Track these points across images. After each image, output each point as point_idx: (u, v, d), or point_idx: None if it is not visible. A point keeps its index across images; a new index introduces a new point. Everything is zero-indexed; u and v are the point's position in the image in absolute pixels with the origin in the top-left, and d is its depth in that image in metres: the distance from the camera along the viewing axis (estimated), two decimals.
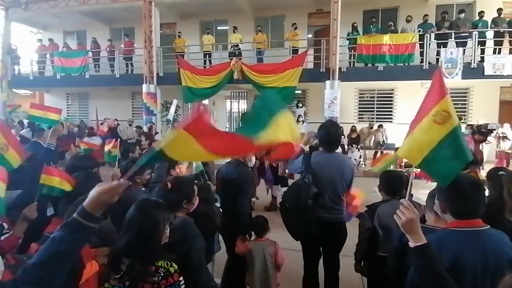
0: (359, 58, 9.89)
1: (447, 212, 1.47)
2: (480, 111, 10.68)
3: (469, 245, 1.37)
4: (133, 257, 1.38)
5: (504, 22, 9.26)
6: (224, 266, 3.06)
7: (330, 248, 2.72)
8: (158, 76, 11.37)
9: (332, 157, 2.58)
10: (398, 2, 11.62)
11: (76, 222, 1.09)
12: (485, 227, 1.43)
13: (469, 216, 1.42)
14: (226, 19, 13.27)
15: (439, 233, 1.47)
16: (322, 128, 2.64)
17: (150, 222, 1.43)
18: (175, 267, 1.43)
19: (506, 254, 1.37)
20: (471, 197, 1.41)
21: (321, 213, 2.51)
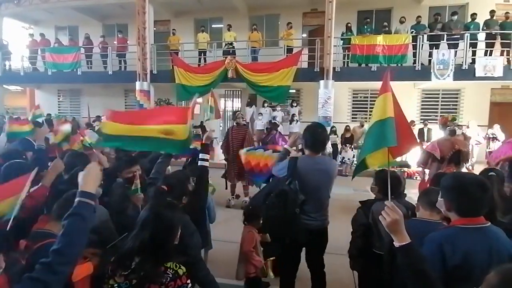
0: (353, 58, 9.95)
1: (452, 210, 1.51)
2: (471, 112, 10.84)
3: (478, 241, 1.42)
4: (144, 256, 1.39)
5: (497, 24, 9.40)
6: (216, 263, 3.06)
7: (314, 252, 2.65)
8: (151, 73, 11.28)
9: (318, 162, 2.49)
10: (392, 3, 11.71)
11: (83, 203, 1.26)
12: (487, 224, 1.48)
13: (475, 214, 1.47)
14: (221, 17, 13.21)
15: (448, 231, 1.49)
16: (307, 130, 2.55)
17: (165, 224, 1.46)
18: (183, 269, 1.43)
19: (507, 249, 1.43)
20: (478, 197, 1.45)
21: (306, 220, 2.44)
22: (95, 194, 1.32)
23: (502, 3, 10.70)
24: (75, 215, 1.23)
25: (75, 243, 1.20)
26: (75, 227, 1.21)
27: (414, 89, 11.54)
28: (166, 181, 2.10)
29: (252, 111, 11.79)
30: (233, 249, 4.07)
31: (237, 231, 2.92)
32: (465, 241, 1.42)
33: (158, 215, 1.47)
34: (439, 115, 11.61)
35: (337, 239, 2.98)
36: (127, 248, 1.43)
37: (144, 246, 1.40)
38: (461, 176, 1.64)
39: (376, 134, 1.63)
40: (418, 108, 11.72)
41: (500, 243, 1.43)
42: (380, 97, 1.69)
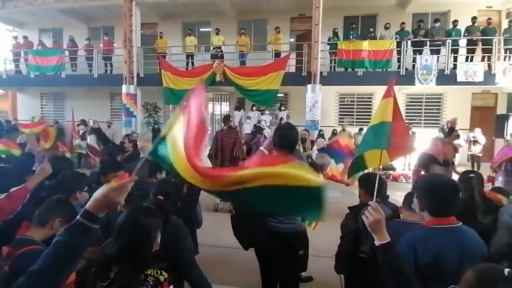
0: (340, 63, 10.11)
1: (425, 210, 1.56)
2: (453, 116, 11.13)
3: (449, 241, 1.46)
4: (123, 264, 1.35)
5: (478, 30, 9.73)
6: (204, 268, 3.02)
7: (283, 261, 2.54)
8: (138, 76, 11.16)
9: None
10: (377, 10, 11.98)
11: (81, 225, 1.07)
12: (459, 223, 1.53)
13: (447, 214, 1.52)
14: (209, 21, 13.21)
15: (420, 232, 1.54)
16: (276, 131, 2.52)
17: (142, 230, 1.41)
18: (165, 276, 1.40)
19: (479, 248, 1.48)
20: (449, 198, 1.51)
21: (271, 222, 2.39)
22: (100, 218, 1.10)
23: (484, 9, 11.10)
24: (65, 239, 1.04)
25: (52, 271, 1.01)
26: (57, 254, 1.03)
27: (399, 94, 11.78)
28: (161, 189, 2.06)
29: (240, 115, 11.79)
30: (221, 253, 4.06)
31: (225, 235, 2.90)
32: (436, 241, 1.46)
33: (133, 221, 1.42)
34: (423, 119, 11.91)
35: (324, 242, 3.00)
36: (104, 257, 1.39)
37: (121, 254, 1.35)
38: (434, 177, 1.70)
39: (373, 135, 1.73)
40: (403, 112, 11.95)
41: (470, 242, 1.48)
42: (383, 101, 1.77)
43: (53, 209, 1.69)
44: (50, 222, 1.66)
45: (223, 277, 3.42)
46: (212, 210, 5.73)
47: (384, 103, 1.76)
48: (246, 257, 2.79)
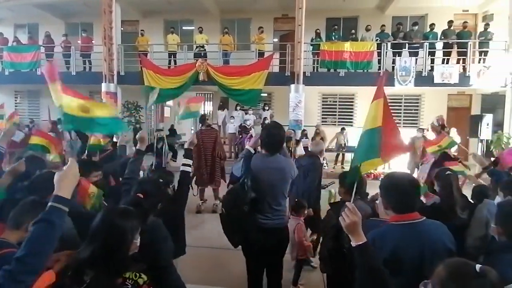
0: (322, 64, 10.25)
1: (389, 208, 1.60)
2: (430, 117, 11.50)
3: (406, 236, 1.50)
4: (98, 269, 1.29)
5: (454, 33, 10.11)
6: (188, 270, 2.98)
7: (272, 257, 2.56)
8: (118, 75, 10.88)
9: (272, 160, 2.43)
10: (358, 12, 12.23)
11: (55, 208, 1.19)
12: (421, 219, 1.56)
13: (407, 210, 1.55)
14: (192, 20, 13.07)
15: (381, 228, 1.59)
16: (264, 129, 2.57)
17: (117, 232, 1.34)
18: (144, 279, 1.36)
19: (442, 243, 1.51)
20: (408, 193, 1.56)
21: (260, 219, 2.41)
22: (70, 200, 1.24)
23: (460, 13, 11.55)
24: (44, 221, 1.16)
25: (41, 251, 1.13)
26: (42, 235, 1.14)
27: None
28: (141, 187, 2.02)
29: (224, 115, 11.74)
30: (206, 254, 4.02)
31: (210, 236, 2.87)
32: (394, 237, 1.50)
33: (107, 224, 1.36)
34: (402, 119, 12.25)
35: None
36: (78, 260, 1.33)
37: (95, 257, 1.30)
38: (392, 175, 1.75)
39: (368, 144, 1.65)
40: None
41: (433, 237, 1.51)
42: (374, 103, 1.69)
43: (28, 211, 1.62)
44: (25, 224, 1.59)
45: (207, 278, 3.39)
46: (194, 211, 5.66)
47: (375, 106, 1.68)
48: (230, 257, 2.77)
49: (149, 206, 1.86)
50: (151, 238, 1.65)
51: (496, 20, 10.50)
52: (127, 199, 1.96)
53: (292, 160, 2.60)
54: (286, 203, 2.59)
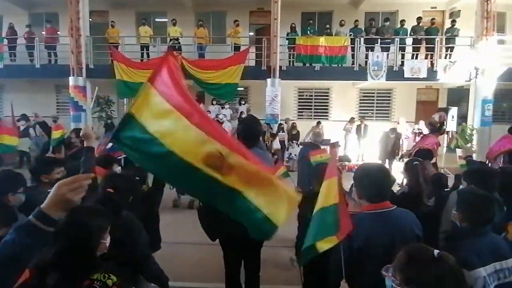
0: (298, 58, 10.31)
1: (363, 197, 1.66)
2: (401, 110, 11.98)
3: (378, 224, 1.56)
4: (63, 271, 1.22)
5: (422, 30, 10.52)
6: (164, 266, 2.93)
7: (250, 250, 2.56)
8: (87, 68, 10.38)
9: None
10: (333, 7, 12.38)
11: (31, 225, 1.00)
12: (392, 207, 1.63)
13: (379, 199, 1.62)
14: (165, 11, 12.69)
15: (355, 217, 1.64)
16: (241, 123, 2.59)
17: (83, 232, 1.26)
18: (113, 280, 1.31)
19: (411, 230, 1.58)
20: (380, 182, 1.62)
21: None
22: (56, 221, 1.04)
23: (428, 10, 11.98)
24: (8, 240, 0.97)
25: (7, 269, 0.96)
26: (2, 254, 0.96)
27: (353, 88, 12.37)
28: (112, 182, 1.95)
29: None
30: (182, 250, 3.96)
31: (185, 231, 2.82)
32: (367, 225, 1.57)
33: (72, 223, 1.27)
34: (374, 112, 12.64)
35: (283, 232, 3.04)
36: (41, 262, 1.24)
37: (59, 259, 1.22)
38: (366, 165, 1.82)
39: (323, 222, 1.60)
40: (357, 106, 12.60)
41: (403, 224, 1.59)
42: (327, 182, 1.65)
43: None
44: None
45: (184, 274, 3.36)
46: (171, 206, 5.56)
47: (328, 184, 1.63)
48: (206, 252, 2.75)
49: (121, 201, 1.79)
50: (125, 232, 1.61)
51: (463, 17, 11.00)
52: (97, 195, 1.88)
53: (268, 153, 2.59)
54: None
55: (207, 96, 11.65)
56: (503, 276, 1.49)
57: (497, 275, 1.48)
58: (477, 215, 1.60)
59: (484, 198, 1.66)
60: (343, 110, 12.05)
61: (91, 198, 1.88)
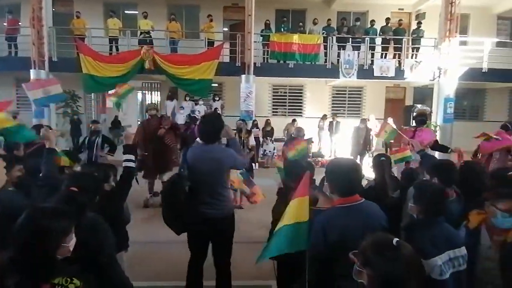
0: (272, 55, 10.35)
1: (334, 192, 1.71)
2: (371, 107, 12.41)
3: (351, 217, 1.61)
4: (22, 273, 1.14)
5: (391, 30, 10.93)
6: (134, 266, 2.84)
7: (218, 246, 2.61)
8: (50, 60, 9.79)
9: (208, 150, 2.48)
10: (306, 5, 12.54)
11: None
12: (361, 200, 1.69)
13: (350, 193, 1.67)
14: (135, 3, 12.23)
15: (328, 212, 1.68)
16: (201, 120, 2.68)
17: (42, 235, 1.18)
18: (76, 284, 1.23)
19: (378, 221, 1.66)
20: (350, 177, 1.67)
21: (202, 208, 2.45)
22: None
23: (396, 11, 12.46)
24: None
25: None
26: None
27: (326, 86, 12.64)
28: (75, 181, 1.86)
29: (173, 105, 11.30)
30: (153, 250, 3.87)
31: (157, 230, 2.75)
32: (341, 219, 1.62)
33: (31, 225, 1.20)
34: (346, 109, 13.00)
35: (257, 228, 3.06)
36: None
37: (16, 262, 1.15)
38: (336, 160, 1.88)
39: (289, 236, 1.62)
40: (329, 103, 12.90)
41: (371, 216, 1.67)
42: (297, 200, 1.66)
43: None
44: None
45: (159, 272, 3.32)
46: (142, 206, 5.39)
47: (298, 203, 1.64)
48: (179, 250, 2.71)
49: (85, 200, 1.70)
50: (91, 234, 1.54)
51: (428, 19, 11.55)
52: (59, 195, 1.78)
53: (230, 150, 2.62)
54: (228, 192, 2.62)
55: (180, 92, 11.42)
56: (458, 264, 1.60)
57: (452, 263, 1.58)
58: (431, 206, 1.70)
59: (437, 190, 1.78)
60: (317, 107, 12.28)
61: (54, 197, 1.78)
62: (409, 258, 1.14)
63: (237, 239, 2.67)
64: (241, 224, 4.81)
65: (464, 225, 1.95)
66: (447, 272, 1.55)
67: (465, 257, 1.62)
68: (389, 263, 1.13)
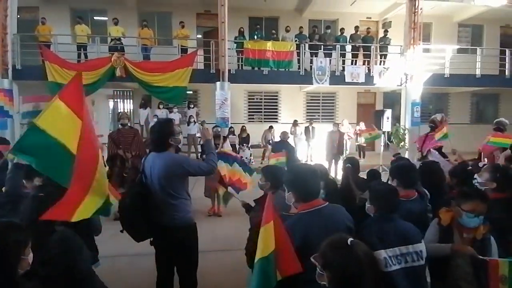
0: (246, 62, 10.43)
1: (298, 199, 1.72)
2: (344, 112, 12.80)
3: (314, 222, 1.64)
4: None
5: (360, 38, 11.37)
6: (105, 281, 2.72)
7: (179, 259, 2.53)
8: (14, 69, 9.30)
9: (158, 157, 2.43)
10: (278, 13, 12.78)
11: None
12: (324, 204, 1.72)
13: (312, 197, 1.70)
14: (105, 9, 11.93)
15: (292, 219, 1.71)
16: (151, 127, 2.70)
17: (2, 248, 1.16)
18: None
19: (343, 222, 1.70)
20: (310, 181, 1.70)
21: (156, 218, 2.41)
22: None
23: (364, 19, 12.98)
24: None
25: None
26: None
27: (300, 92, 12.89)
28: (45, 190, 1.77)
29: (147, 113, 11.07)
30: (125, 263, 3.75)
31: (129, 244, 2.66)
32: (302, 224, 1.65)
33: None
34: (320, 115, 13.30)
35: (232, 236, 3.05)
36: None
37: None
38: (295, 167, 1.92)
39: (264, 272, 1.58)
40: (304, 109, 13.15)
41: (335, 218, 1.70)
42: (262, 229, 1.62)
43: None
44: None
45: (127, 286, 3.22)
46: (112, 218, 5.19)
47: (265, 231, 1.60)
48: (151, 263, 2.64)
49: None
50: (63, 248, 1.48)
51: (394, 27, 12.12)
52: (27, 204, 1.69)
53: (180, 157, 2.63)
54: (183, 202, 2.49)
55: (154, 100, 11.22)
56: (411, 259, 1.65)
57: (403, 258, 1.64)
58: (383, 204, 1.79)
59: (388, 190, 1.88)
60: (292, 113, 12.47)
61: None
62: (363, 255, 1.22)
63: (215, 247, 2.64)
64: (219, 231, 4.77)
65: (437, 223, 2.02)
66: (393, 265, 1.62)
67: (420, 253, 1.68)
68: (344, 262, 1.20)
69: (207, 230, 4.14)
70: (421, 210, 2.26)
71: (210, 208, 5.69)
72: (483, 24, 13.58)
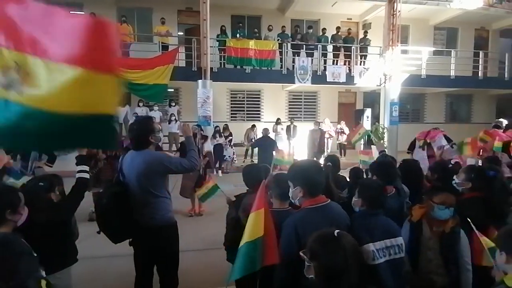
0: (229, 60, 10.36)
1: (306, 194, 1.70)
2: (325, 111, 12.97)
3: (321, 218, 1.65)
4: None
5: (341, 38, 11.55)
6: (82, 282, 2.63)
7: (161, 260, 2.49)
8: None
9: (137, 156, 2.38)
10: (261, 12, 12.77)
11: None
12: (328, 201, 1.75)
13: (318, 192, 1.72)
14: (81, 3, 11.51)
15: (299, 214, 1.69)
16: (129, 126, 2.70)
17: None
18: None
19: (344, 220, 1.73)
20: (316, 176, 1.72)
21: (135, 217, 2.35)
22: None
23: (345, 20, 13.19)
24: None
25: None
26: None
27: (282, 91, 12.95)
28: None
29: (126, 111, 10.77)
30: (102, 264, 3.64)
31: (105, 245, 2.57)
32: (312, 220, 1.65)
33: None
34: (302, 113, 13.42)
35: (216, 234, 3.02)
36: None
37: None
38: (300, 163, 1.92)
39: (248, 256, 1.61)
40: (286, 108, 13.22)
41: (338, 216, 1.74)
42: (253, 214, 1.65)
43: None
44: None
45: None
46: (86, 220, 5.01)
47: (255, 216, 1.64)
48: (129, 264, 2.56)
49: None
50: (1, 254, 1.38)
51: (373, 29, 12.40)
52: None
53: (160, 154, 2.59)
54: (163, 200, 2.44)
55: (134, 98, 10.94)
56: (394, 252, 1.72)
57: (388, 250, 1.70)
58: (371, 200, 1.84)
59: (377, 186, 1.94)
60: (274, 112, 12.51)
61: None
62: (349, 247, 1.25)
63: (198, 246, 2.59)
64: (201, 231, 4.71)
65: (408, 220, 2.10)
66: (380, 258, 1.67)
67: (401, 246, 1.75)
68: (330, 253, 1.23)
69: (189, 230, 4.09)
70: (398, 206, 2.32)
71: (190, 208, 5.61)
72: (458, 27, 14.12)
